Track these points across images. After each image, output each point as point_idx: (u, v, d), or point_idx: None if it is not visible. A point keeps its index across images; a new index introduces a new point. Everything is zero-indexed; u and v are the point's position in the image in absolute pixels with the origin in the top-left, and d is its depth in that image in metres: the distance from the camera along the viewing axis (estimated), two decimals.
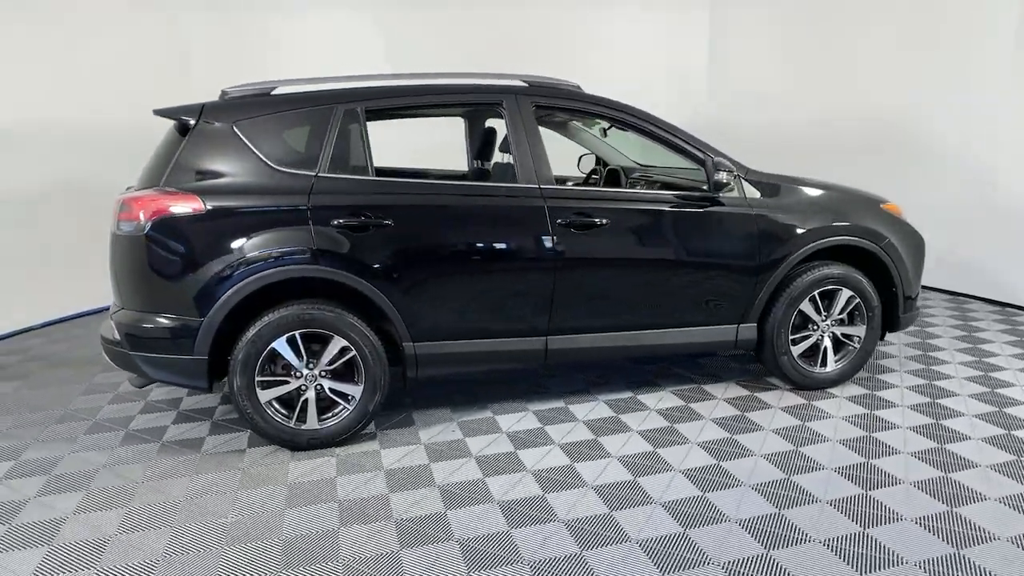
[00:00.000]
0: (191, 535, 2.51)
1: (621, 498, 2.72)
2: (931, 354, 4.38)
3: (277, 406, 3.11)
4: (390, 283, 3.12)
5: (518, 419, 3.47)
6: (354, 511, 2.65)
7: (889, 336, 4.73)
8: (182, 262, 2.97)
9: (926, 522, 2.52)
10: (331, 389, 3.16)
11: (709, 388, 3.87)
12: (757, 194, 3.57)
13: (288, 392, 3.12)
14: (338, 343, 3.11)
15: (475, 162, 4.04)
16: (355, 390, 3.17)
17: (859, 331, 3.76)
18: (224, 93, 3.24)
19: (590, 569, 2.28)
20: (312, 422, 3.14)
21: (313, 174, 3.10)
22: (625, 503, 2.68)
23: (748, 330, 3.63)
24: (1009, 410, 3.49)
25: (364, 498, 2.74)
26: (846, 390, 3.79)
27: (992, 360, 4.23)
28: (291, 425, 3.12)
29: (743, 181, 3.55)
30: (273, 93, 3.23)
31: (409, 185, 3.30)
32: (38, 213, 5.17)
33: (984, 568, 2.26)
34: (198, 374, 3.02)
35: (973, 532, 2.45)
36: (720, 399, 3.71)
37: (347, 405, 3.18)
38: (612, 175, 4.58)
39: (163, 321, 2.99)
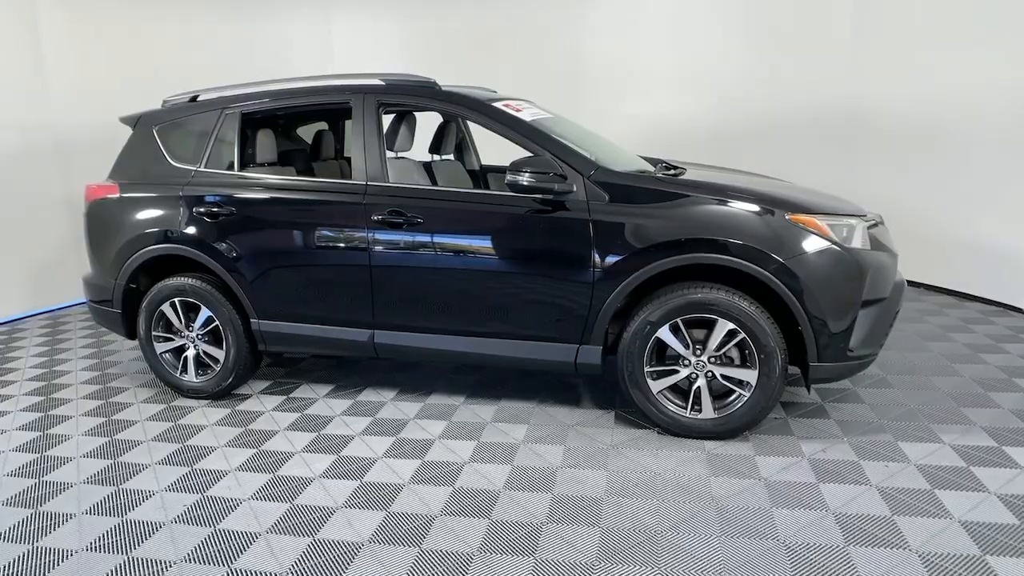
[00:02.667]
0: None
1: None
2: (942, 425, 3.14)
3: (170, 358, 3.83)
4: (235, 265, 3.55)
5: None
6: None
7: (923, 389, 3.50)
8: (105, 236, 3.83)
9: None
10: (204, 351, 3.76)
11: (565, 411, 3.45)
12: (605, 197, 3.05)
13: (176, 348, 3.80)
14: (205, 312, 3.68)
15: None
16: (220, 354, 3.71)
17: (748, 376, 2.96)
18: (165, 102, 4.00)
19: None
20: (191, 376, 3.78)
21: (194, 169, 3.68)
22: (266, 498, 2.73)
23: (591, 353, 3.16)
24: (904, 520, 2.43)
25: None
26: (727, 446, 3.03)
27: (993, 454, 2.88)
28: (176, 375, 3.80)
29: (586, 182, 3.07)
30: (197, 100, 3.88)
31: (254, 179, 3.64)
32: None
33: None
34: (118, 324, 3.88)
35: None
36: (569, 424, 3.30)
37: (214, 367, 3.74)
38: None
39: (98, 280, 3.91)
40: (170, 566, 2.34)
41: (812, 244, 2.86)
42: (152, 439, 3.35)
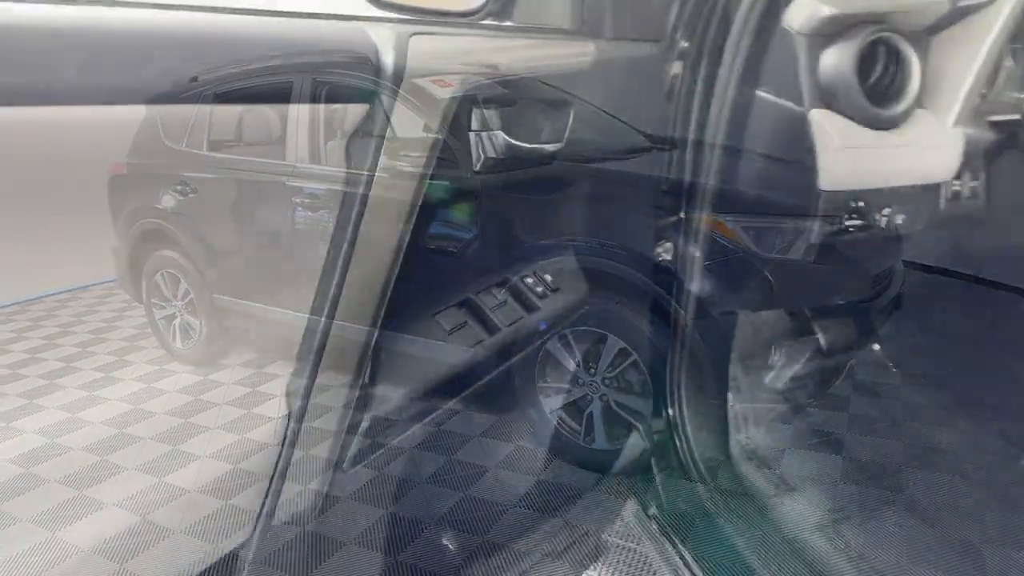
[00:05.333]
0: None
1: None
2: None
3: (165, 324, 4.13)
4: (200, 240, 3.70)
5: None
6: None
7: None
8: (117, 209, 4.20)
9: None
10: (187, 322, 4.01)
11: None
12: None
13: (168, 315, 4.10)
14: (183, 285, 3.91)
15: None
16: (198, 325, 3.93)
17: (643, 406, 2.44)
18: None
19: None
20: (179, 343, 4.06)
21: (178, 148, 3.88)
22: None
23: None
24: None
25: None
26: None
27: None
28: (170, 340, 4.11)
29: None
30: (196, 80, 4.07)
31: (210, 159, 3.70)
32: None
33: None
34: (130, 288, 4.27)
35: None
36: None
37: (193, 337, 3.97)
38: None
39: (115, 244, 4.32)
40: None
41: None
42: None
